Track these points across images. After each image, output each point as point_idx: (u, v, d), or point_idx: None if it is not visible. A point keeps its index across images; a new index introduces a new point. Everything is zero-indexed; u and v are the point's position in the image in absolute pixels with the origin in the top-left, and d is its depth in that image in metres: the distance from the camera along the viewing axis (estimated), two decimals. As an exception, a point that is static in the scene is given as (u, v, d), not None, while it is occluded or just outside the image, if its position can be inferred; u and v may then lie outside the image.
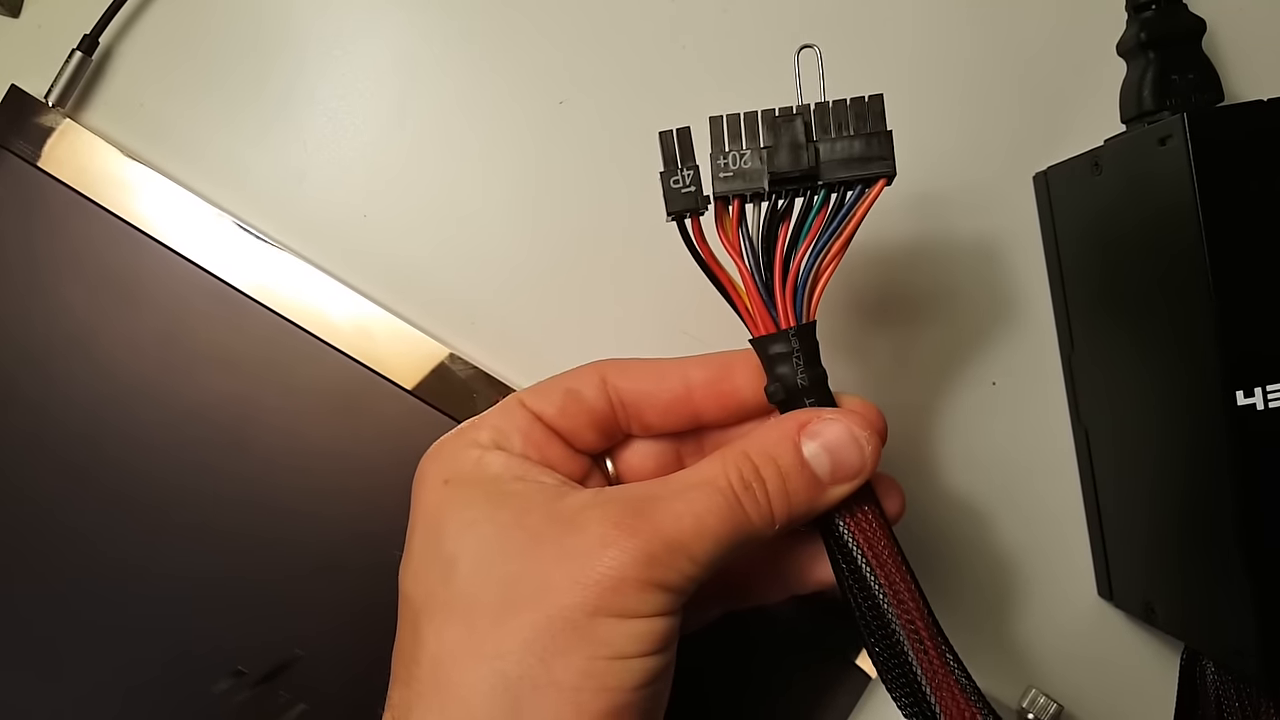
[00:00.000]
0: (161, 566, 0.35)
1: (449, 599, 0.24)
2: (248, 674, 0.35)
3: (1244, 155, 0.28)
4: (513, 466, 0.26)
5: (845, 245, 0.26)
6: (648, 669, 0.23)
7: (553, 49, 0.36)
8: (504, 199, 0.36)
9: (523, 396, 0.27)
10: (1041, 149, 0.35)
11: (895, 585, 0.25)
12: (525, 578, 0.23)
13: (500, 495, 0.25)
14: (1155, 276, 0.30)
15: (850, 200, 0.26)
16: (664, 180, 0.26)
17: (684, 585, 0.23)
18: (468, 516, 0.25)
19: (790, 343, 0.26)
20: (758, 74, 0.36)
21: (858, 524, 0.26)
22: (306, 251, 0.36)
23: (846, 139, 0.26)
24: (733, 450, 0.25)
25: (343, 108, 0.36)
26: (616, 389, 0.28)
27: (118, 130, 0.36)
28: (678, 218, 0.26)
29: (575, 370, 0.28)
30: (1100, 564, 0.36)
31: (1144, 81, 0.32)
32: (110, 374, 0.35)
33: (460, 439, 0.27)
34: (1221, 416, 0.28)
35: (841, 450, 0.25)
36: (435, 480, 0.26)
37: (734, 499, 0.24)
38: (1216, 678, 0.31)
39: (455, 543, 0.24)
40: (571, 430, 0.27)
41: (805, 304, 0.26)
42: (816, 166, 0.25)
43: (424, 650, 0.24)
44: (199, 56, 0.36)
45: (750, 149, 0.25)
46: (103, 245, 0.35)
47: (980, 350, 0.36)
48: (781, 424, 0.25)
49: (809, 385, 0.26)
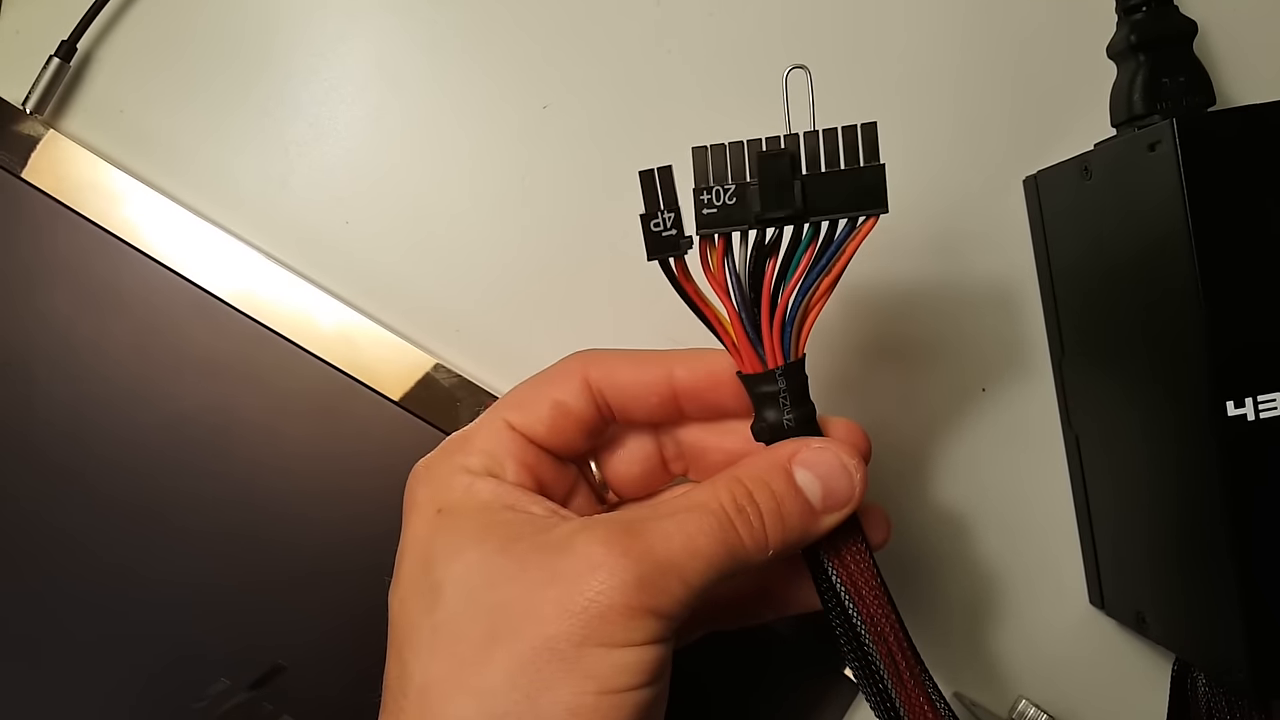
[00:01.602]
0: (144, 575, 0.34)
1: (434, 628, 0.23)
2: (231, 684, 0.34)
3: (1234, 161, 0.27)
4: (503, 495, 0.25)
5: (834, 283, 0.25)
6: (637, 704, 0.22)
7: (536, 53, 0.36)
8: (487, 204, 0.36)
9: (509, 415, 0.27)
10: (1032, 153, 0.35)
11: (874, 616, 0.25)
12: (510, 606, 0.22)
13: (489, 524, 0.24)
14: (1145, 283, 0.29)
15: (840, 236, 0.25)
16: (644, 223, 0.24)
17: (675, 610, 0.23)
18: (455, 544, 0.24)
19: (777, 382, 0.25)
20: (744, 78, 0.36)
21: (840, 557, 0.26)
22: (288, 258, 0.35)
23: (836, 174, 0.24)
24: (724, 476, 0.25)
25: (324, 114, 0.36)
26: (600, 390, 0.27)
27: (97, 137, 0.35)
28: (660, 260, 0.25)
29: (556, 372, 0.27)
30: (1092, 572, 0.35)
31: (1134, 85, 0.31)
32: (92, 383, 0.35)
33: (450, 462, 0.26)
34: (1212, 427, 0.27)
35: (832, 479, 0.25)
36: (428, 508, 0.25)
37: (727, 521, 0.24)
38: (1208, 689, 0.31)
39: (442, 570, 0.24)
40: (561, 444, 0.27)
41: (793, 342, 0.25)
42: (804, 204, 0.24)
43: (410, 681, 0.23)
44: (179, 62, 0.36)
45: (735, 184, 0.24)
46: (82, 253, 0.34)
47: (970, 356, 0.36)
48: (773, 453, 0.25)
49: (795, 426, 0.25)
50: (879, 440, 0.34)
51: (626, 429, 0.29)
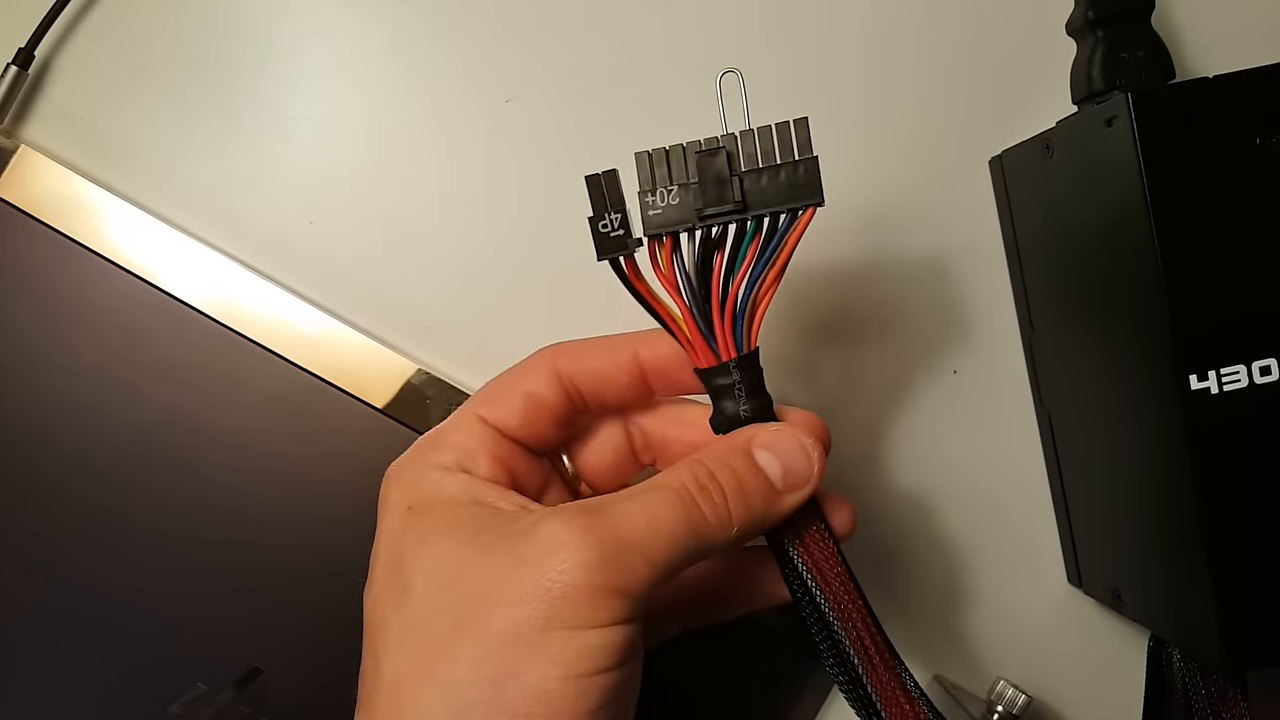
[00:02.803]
0: (118, 581, 0.34)
1: (404, 622, 0.23)
2: (209, 688, 0.34)
3: (1191, 134, 0.27)
4: (472, 489, 0.25)
5: (780, 273, 0.25)
6: (605, 688, 0.22)
7: (497, 47, 0.36)
8: (452, 200, 0.36)
9: (481, 410, 0.27)
10: (998, 134, 0.35)
11: (842, 604, 0.26)
12: (475, 595, 0.22)
13: (458, 518, 0.24)
14: (1107, 259, 0.29)
15: (782, 228, 0.25)
16: (592, 225, 0.25)
17: (639, 589, 0.22)
18: (424, 539, 0.24)
19: (732, 374, 0.26)
20: (708, 62, 0.35)
21: (804, 544, 0.26)
22: (253, 261, 0.35)
23: (772, 169, 0.25)
24: (686, 460, 0.25)
25: (286, 115, 0.36)
26: (572, 379, 0.27)
27: (58, 144, 0.35)
28: (610, 260, 0.25)
29: (526, 365, 0.28)
30: (1069, 551, 0.35)
31: (1093, 61, 0.31)
32: (59, 393, 0.35)
33: (421, 461, 0.26)
34: (1176, 401, 0.27)
35: (791, 458, 0.25)
36: (399, 507, 0.25)
37: (690, 499, 0.24)
38: (1183, 665, 0.31)
39: (411, 565, 0.24)
40: (534, 436, 0.27)
41: (745, 334, 0.26)
42: (744, 200, 0.25)
43: (381, 677, 0.23)
44: (139, 67, 0.36)
45: (678, 184, 0.25)
46: (45, 262, 0.34)
47: (940, 338, 0.36)
48: (733, 437, 0.26)
49: (751, 416, 0.26)
50: (848, 426, 0.34)
51: (597, 420, 0.29)
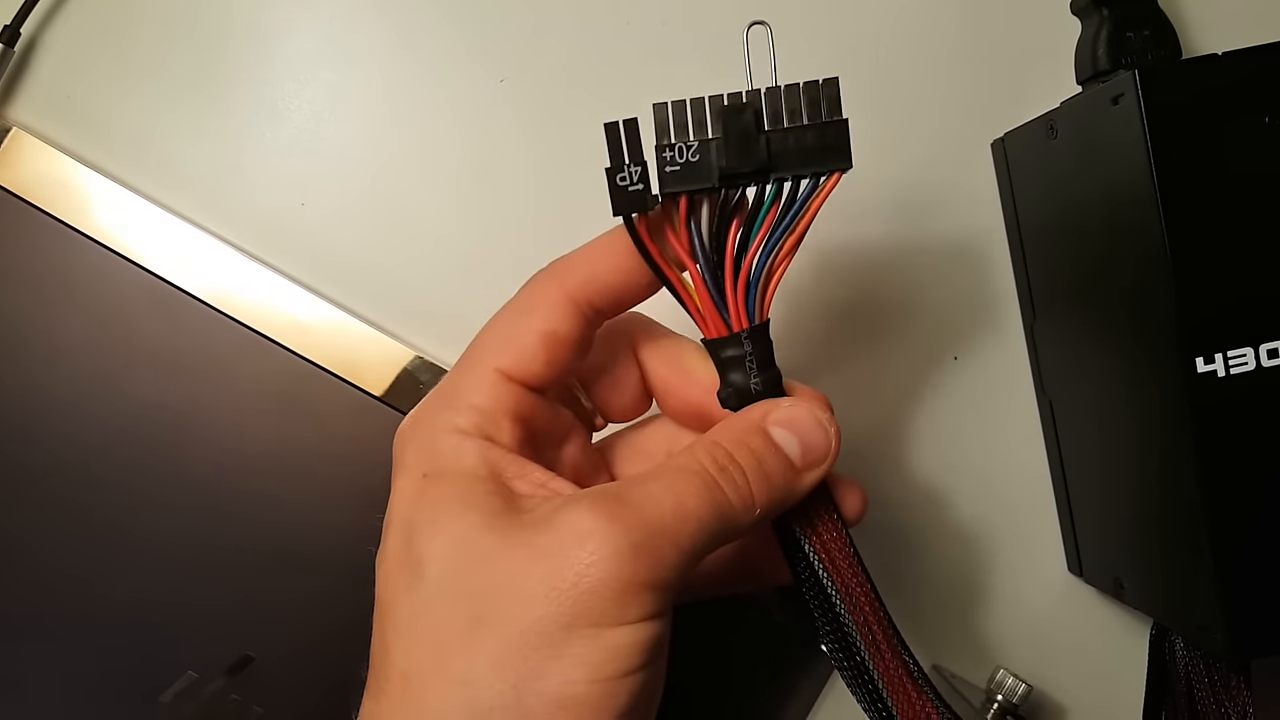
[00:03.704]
0: (105, 571, 0.34)
1: (414, 610, 0.22)
2: (200, 676, 0.34)
3: (1198, 112, 0.27)
4: (491, 459, 0.24)
5: (798, 242, 0.24)
6: (631, 692, 0.21)
7: (491, 27, 0.35)
8: (448, 180, 0.35)
9: (499, 362, 0.24)
10: (1000, 116, 0.34)
11: (851, 590, 0.25)
12: (495, 587, 0.21)
13: (474, 493, 0.23)
14: (1112, 241, 0.29)
15: (804, 194, 0.24)
16: (610, 177, 0.24)
17: (671, 578, 0.21)
18: (438, 515, 0.23)
19: (743, 346, 0.25)
20: (703, 46, 0.35)
21: (814, 530, 0.25)
22: (243, 242, 0.35)
23: (799, 129, 0.24)
24: (701, 441, 0.24)
25: (276, 94, 0.35)
26: (589, 301, 0.25)
27: (44, 124, 0.34)
28: (624, 216, 0.24)
29: (533, 298, 0.25)
30: (1069, 539, 0.35)
31: (1098, 40, 0.31)
32: (47, 377, 0.34)
33: (439, 419, 0.24)
34: (1181, 385, 0.27)
35: (808, 434, 0.24)
36: (414, 470, 0.24)
37: (713, 482, 0.23)
38: (1185, 653, 0.30)
39: (425, 545, 0.22)
40: (556, 377, 0.25)
41: (758, 304, 0.24)
42: (769, 160, 0.24)
43: (393, 665, 0.22)
44: (127, 45, 0.35)
45: (698, 140, 0.24)
46: (31, 243, 0.34)
47: (941, 324, 0.35)
48: (747, 414, 0.25)
49: (763, 390, 0.25)
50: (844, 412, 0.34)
51: (611, 355, 0.27)
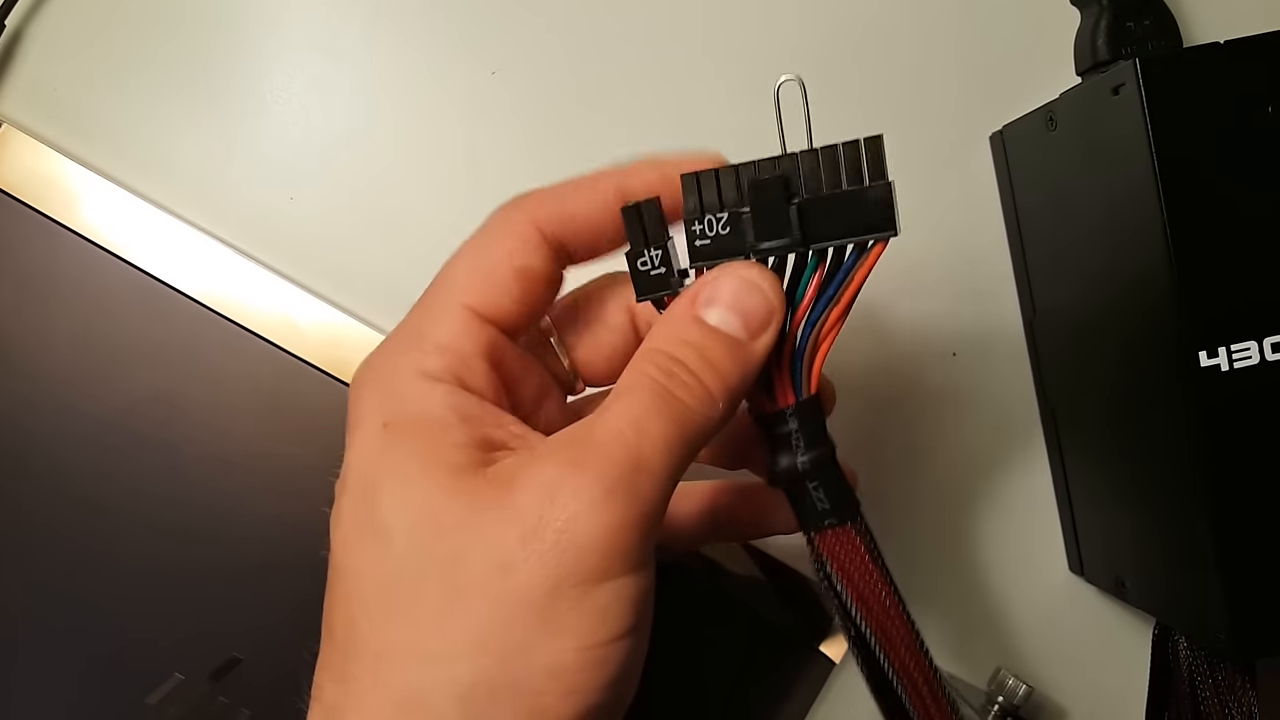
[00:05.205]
0: (89, 570, 0.33)
1: (386, 583, 0.20)
2: (186, 678, 0.33)
3: (1201, 102, 0.26)
4: (462, 406, 0.22)
5: (845, 312, 0.23)
6: (621, 657, 0.20)
7: (481, 18, 0.35)
8: (437, 174, 0.35)
9: (470, 299, 0.23)
10: (999, 107, 0.34)
11: (885, 627, 0.24)
12: (470, 555, 0.20)
13: (439, 445, 0.21)
14: (1113, 234, 0.28)
15: (847, 263, 0.22)
16: (630, 261, 0.23)
17: (652, 511, 0.20)
18: (402, 474, 0.21)
19: (789, 423, 0.23)
20: (701, 38, 0.35)
21: (837, 559, 0.24)
22: (231, 238, 0.34)
23: (837, 196, 0.22)
24: (639, 354, 0.22)
25: (265, 87, 0.35)
26: (558, 237, 0.23)
27: (29, 116, 0.34)
28: (651, 301, 0.23)
29: (501, 230, 0.23)
30: (1070, 537, 0.34)
31: (1097, 29, 0.30)
32: (33, 373, 0.33)
33: (403, 362, 0.22)
34: (1184, 379, 0.26)
35: (742, 300, 0.22)
36: (372, 420, 0.22)
37: (663, 390, 0.21)
38: (1189, 653, 0.30)
39: (390, 510, 0.21)
40: (533, 315, 0.24)
41: (804, 378, 0.23)
42: (803, 231, 0.22)
43: (362, 645, 0.20)
44: (113, 38, 0.34)
45: (729, 211, 0.22)
46: (16, 238, 0.33)
47: (939, 320, 0.35)
48: (674, 309, 0.23)
49: (811, 469, 0.23)
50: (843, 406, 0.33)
51: (597, 305, 0.26)
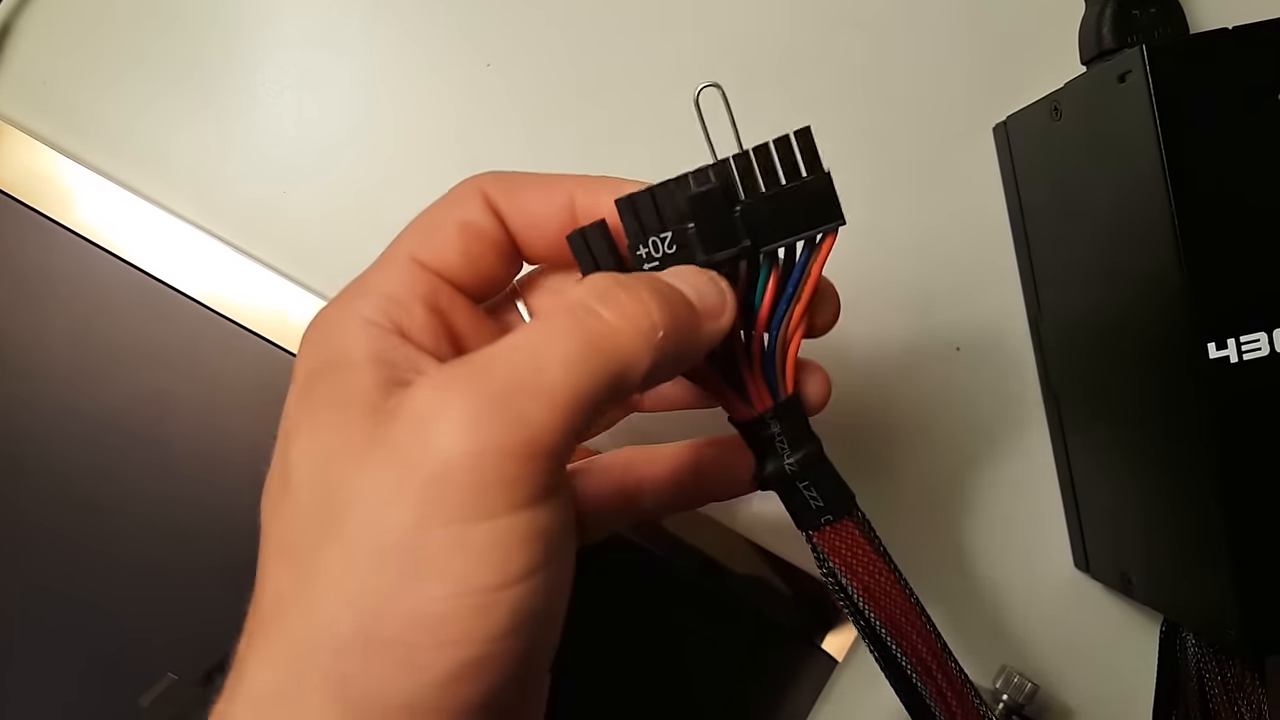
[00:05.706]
0: (84, 570, 0.33)
1: (284, 525, 0.19)
2: (179, 679, 0.33)
3: (1208, 88, 0.26)
4: (382, 348, 0.20)
5: (807, 307, 0.23)
6: (509, 607, 0.17)
7: (476, 8, 0.34)
8: (430, 167, 0.34)
9: (413, 248, 0.22)
10: (1003, 98, 0.33)
11: (894, 617, 0.24)
12: (354, 496, 0.18)
13: (351, 388, 0.19)
14: (1119, 224, 0.28)
15: (801, 259, 0.22)
16: None
17: (544, 442, 0.17)
18: (312, 421, 0.19)
19: (770, 426, 0.23)
20: (697, 31, 0.34)
21: (838, 554, 0.24)
22: (225, 233, 0.34)
23: (778, 194, 0.21)
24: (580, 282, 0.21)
25: (258, 80, 0.34)
26: (501, 214, 0.22)
27: (19, 112, 0.34)
28: None
29: (453, 195, 0.23)
30: (1075, 534, 0.34)
31: (1103, 17, 0.30)
32: (25, 373, 0.33)
33: (344, 312, 0.21)
34: (1193, 371, 0.26)
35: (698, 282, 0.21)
36: (300, 369, 0.20)
37: (588, 310, 0.19)
38: (1197, 650, 0.29)
39: (296, 458, 0.19)
40: (479, 276, 0.22)
41: (779, 379, 0.23)
42: (751, 235, 0.21)
43: (264, 590, 0.19)
44: (105, 31, 0.34)
45: (673, 230, 0.21)
46: (8, 235, 0.33)
47: (942, 315, 0.34)
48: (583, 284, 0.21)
49: (799, 470, 0.23)
50: (847, 402, 0.33)
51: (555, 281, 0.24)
